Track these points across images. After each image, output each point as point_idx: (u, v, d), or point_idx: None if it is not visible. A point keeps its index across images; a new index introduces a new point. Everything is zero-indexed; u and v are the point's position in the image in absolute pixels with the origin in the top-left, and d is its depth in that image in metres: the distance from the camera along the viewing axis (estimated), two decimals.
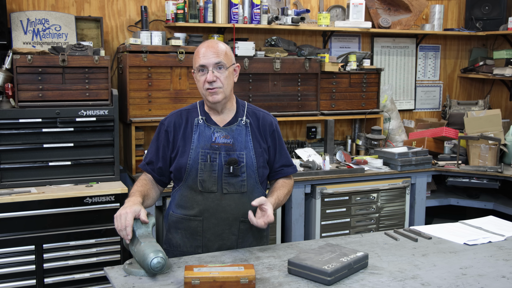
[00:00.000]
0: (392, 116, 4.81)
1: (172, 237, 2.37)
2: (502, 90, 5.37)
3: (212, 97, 2.25)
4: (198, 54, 2.26)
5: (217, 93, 2.25)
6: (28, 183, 3.43)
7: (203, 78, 2.24)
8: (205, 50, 2.25)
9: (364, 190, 4.05)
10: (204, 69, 2.24)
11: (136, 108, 3.81)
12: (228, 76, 2.27)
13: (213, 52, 2.23)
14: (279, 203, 2.33)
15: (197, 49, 2.29)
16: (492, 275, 2.00)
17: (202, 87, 2.26)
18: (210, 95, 2.25)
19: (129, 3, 4.15)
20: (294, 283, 1.89)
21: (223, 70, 2.24)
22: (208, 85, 2.23)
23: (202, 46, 2.28)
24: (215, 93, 2.24)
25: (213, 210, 2.28)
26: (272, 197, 2.30)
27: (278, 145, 2.44)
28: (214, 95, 2.25)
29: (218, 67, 2.23)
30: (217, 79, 2.23)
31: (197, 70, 2.26)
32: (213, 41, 2.32)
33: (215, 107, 2.31)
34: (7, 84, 3.42)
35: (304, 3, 4.74)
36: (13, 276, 3.23)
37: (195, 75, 2.30)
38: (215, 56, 2.23)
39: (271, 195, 2.33)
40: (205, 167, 2.27)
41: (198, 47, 2.29)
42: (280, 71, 4.23)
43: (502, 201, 4.51)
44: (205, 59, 2.23)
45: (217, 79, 2.23)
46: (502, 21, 4.99)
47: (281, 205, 2.40)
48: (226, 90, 2.26)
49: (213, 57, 2.23)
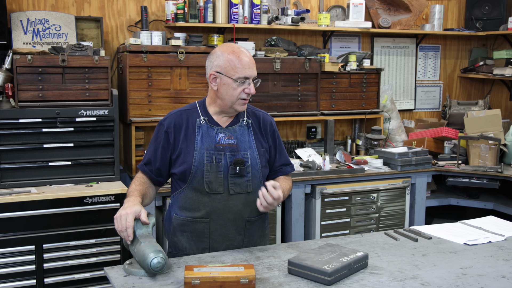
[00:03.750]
0: (392, 116, 4.81)
1: (178, 240, 2.34)
2: (502, 90, 5.37)
3: (242, 107, 2.31)
4: (240, 63, 2.23)
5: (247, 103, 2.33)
6: (28, 183, 3.43)
7: (241, 88, 2.25)
8: (247, 61, 2.25)
9: (364, 190, 4.05)
10: (245, 81, 2.26)
11: (136, 108, 3.81)
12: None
13: (253, 63, 2.28)
14: (284, 195, 2.34)
15: (234, 57, 2.24)
16: (492, 275, 2.00)
17: (237, 96, 2.26)
18: (242, 105, 2.30)
19: (129, 3, 4.15)
20: (294, 283, 1.89)
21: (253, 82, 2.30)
22: (246, 96, 2.27)
23: (241, 54, 2.25)
24: (246, 103, 2.31)
25: (220, 211, 2.28)
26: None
27: (278, 145, 2.46)
28: (244, 106, 2.31)
29: (253, 80, 2.29)
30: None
31: (239, 80, 2.24)
32: (244, 48, 2.32)
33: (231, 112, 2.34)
34: (7, 84, 3.42)
35: (304, 3, 4.74)
36: (13, 276, 3.23)
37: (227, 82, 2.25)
38: (255, 69, 2.29)
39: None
40: (211, 168, 2.25)
41: (233, 53, 2.24)
42: (280, 71, 4.23)
43: (502, 201, 4.51)
44: (250, 71, 2.26)
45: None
46: (502, 21, 5.00)
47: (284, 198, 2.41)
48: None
49: (254, 70, 2.28)
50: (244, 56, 2.25)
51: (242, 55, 2.25)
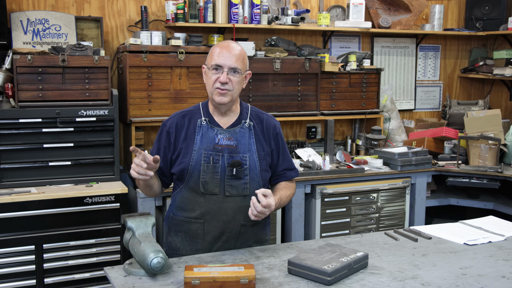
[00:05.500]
0: (392, 116, 4.81)
1: (172, 240, 2.36)
2: (502, 90, 5.37)
3: (219, 97, 2.24)
4: (215, 52, 2.24)
5: (225, 95, 2.24)
6: (28, 183, 3.43)
7: (215, 77, 2.23)
8: (224, 51, 2.23)
9: (364, 190, 4.05)
10: (218, 69, 2.23)
11: (136, 108, 3.81)
12: (241, 81, 2.28)
13: (232, 55, 2.23)
14: (281, 203, 2.32)
15: (214, 47, 2.28)
16: (492, 275, 2.00)
17: (211, 85, 2.24)
18: (218, 95, 2.24)
19: (129, 3, 4.15)
20: (294, 283, 1.89)
21: (237, 75, 2.24)
22: (220, 85, 2.22)
23: (222, 45, 2.26)
24: (223, 94, 2.23)
25: (215, 213, 2.27)
26: (276, 196, 2.27)
27: (281, 149, 2.43)
28: (221, 96, 2.24)
29: (233, 71, 2.23)
30: (230, 82, 2.23)
31: (211, 68, 2.24)
32: (233, 42, 2.30)
33: (219, 107, 2.31)
34: (7, 84, 3.42)
35: (304, 3, 4.74)
36: (13, 276, 3.24)
37: (206, 72, 2.29)
38: (234, 60, 2.22)
39: (274, 194, 2.30)
40: (207, 168, 2.25)
41: (217, 45, 2.28)
42: (280, 71, 4.23)
43: (502, 201, 4.51)
44: (222, 59, 2.22)
45: (230, 82, 2.23)
46: (502, 21, 5.00)
47: (282, 206, 2.39)
48: (234, 94, 2.26)
49: (232, 60, 2.22)
50: (224, 47, 2.25)
51: (222, 46, 2.26)
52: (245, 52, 2.31)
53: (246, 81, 2.35)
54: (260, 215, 2.13)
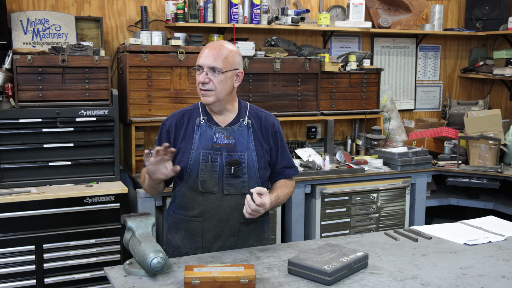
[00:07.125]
0: (392, 116, 4.81)
1: (172, 237, 2.37)
2: (502, 90, 5.37)
3: (203, 98, 2.27)
4: (201, 53, 2.27)
5: (208, 96, 2.24)
6: (28, 183, 3.43)
7: (198, 77, 2.26)
8: (205, 50, 2.26)
9: (364, 190, 4.05)
10: (200, 69, 2.25)
11: (136, 108, 3.81)
12: (224, 80, 2.24)
13: (212, 54, 2.23)
14: (278, 201, 2.32)
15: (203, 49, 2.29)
16: (492, 275, 2.00)
17: (197, 85, 2.28)
18: (202, 95, 2.27)
19: (129, 3, 4.15)
20: (294, 283, 1.89)
21: (218, 74, 2.22)
22: (201, 85, 2.25)
23: (208, 45, 2.29)
24: (206, 95, 2.25)
25: (214, 211, 2.28)
26: (273, 194, 2.28)
27: (280, 147, 2.43)
28: (205, 97, 2.26)
29: (212, 70, 2.23)
30: (210, 82, 2.23)
31: (196, 68, 2.28)
32: (218, 42, 2.30)
33: (210, 107, 2.32)
34: (7, 84, 3.42)
35: (304, 3, 4.74)
36: (13, 276, 3.24)
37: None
38: (212, 59, 2.22)
39: (271, 193, 2.31)
40: (206, 167, 2.26)
41: (205, 47, 2.30)
42: (280, 71, 4.23)
43: (502, 201, 4.51)
44: (202, 59, 2.24)
45: (210, 82, 2.23)
46: (502, 21, 4.99)
47: (280, 204, 2.39)
48: (219, 94, 2.25)
49: (211, 59, 2.22)
50: (208, 46, 2.27)
51: (207, 46, 2.28)
52: (233, 51, 2.28)
53: (238, 80, 2.31)
54: (254, 214, 2.14)
